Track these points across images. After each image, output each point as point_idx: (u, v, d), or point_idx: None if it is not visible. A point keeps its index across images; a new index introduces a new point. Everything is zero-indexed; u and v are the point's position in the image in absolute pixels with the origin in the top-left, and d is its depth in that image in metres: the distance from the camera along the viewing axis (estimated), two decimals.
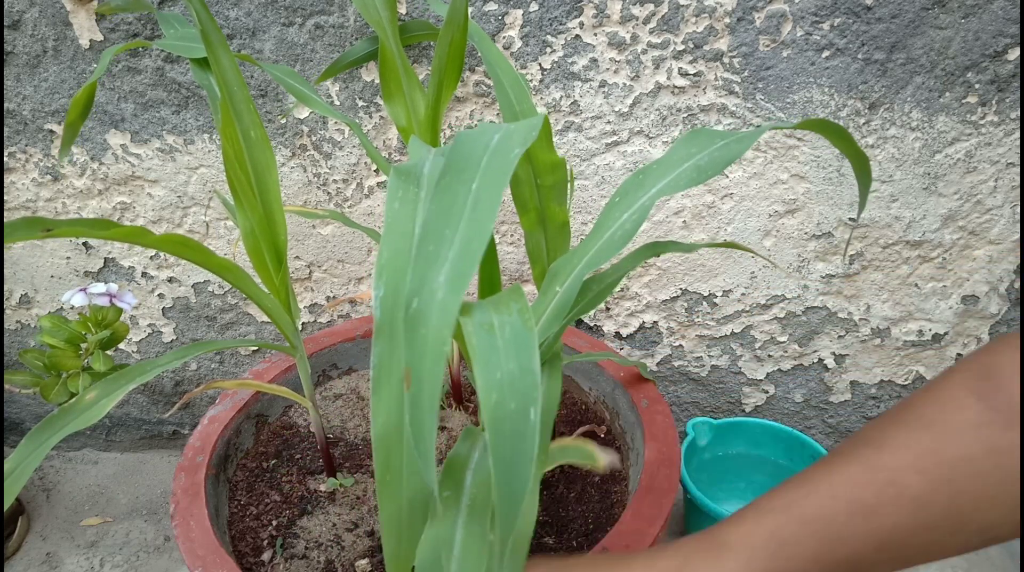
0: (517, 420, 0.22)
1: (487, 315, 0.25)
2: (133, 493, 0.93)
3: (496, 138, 0.26)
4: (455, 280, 0.22)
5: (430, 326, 0.22)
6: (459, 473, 0.31)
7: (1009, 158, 0.66)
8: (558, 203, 0.48)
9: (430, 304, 0.22)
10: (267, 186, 0.48)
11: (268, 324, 0.85)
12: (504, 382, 0.23)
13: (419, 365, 0.22)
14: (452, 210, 0.24)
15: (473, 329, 0.25)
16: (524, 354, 0.24)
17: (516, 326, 0.25)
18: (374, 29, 0.58)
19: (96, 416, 0.41)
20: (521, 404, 0.22)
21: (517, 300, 0.26)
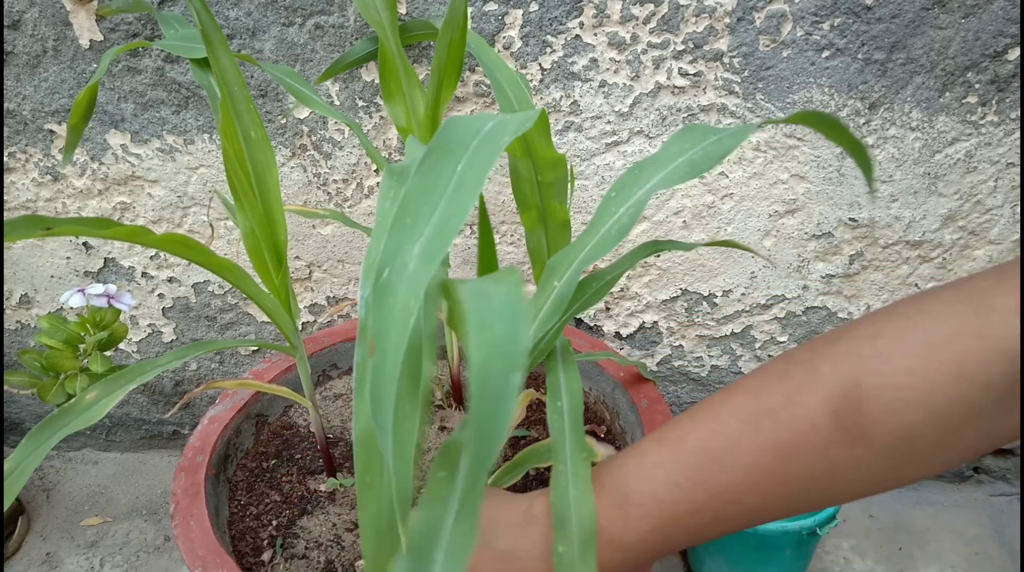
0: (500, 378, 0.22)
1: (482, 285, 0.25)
2: (133, 493, 0.93)
3: (489, 125, 0.26)
4: (428, 254, 0.22)
5: (398, 296, 0.22)
6: (455, 457, 0.31)
7: (1009, 158, 0.66)
8: (559, 200, 0.48)
9: (400, 274, 0.22)
10: (267, 186, 0.48)
11: (268, 324, 0.85)
12: (494, 343, 0.23)
13: (385, 334, 0.22)
14: (434, 188, 0.24)
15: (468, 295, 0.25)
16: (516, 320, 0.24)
17: (509, 295, 0.25)
18: (374, 29, 0.58)
19: (96, 416, 0.41)
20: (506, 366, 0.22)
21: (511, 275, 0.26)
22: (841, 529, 0.83)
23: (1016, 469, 0.85)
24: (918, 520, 0.84)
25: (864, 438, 0.32)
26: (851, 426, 0.32)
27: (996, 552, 0.80)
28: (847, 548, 0.81)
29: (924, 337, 0.32)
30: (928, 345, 0.31)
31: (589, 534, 0.35)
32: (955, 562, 0.79)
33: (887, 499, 0.86)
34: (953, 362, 0.31)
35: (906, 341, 0.32)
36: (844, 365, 0.33)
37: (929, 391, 0.31)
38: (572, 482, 0.36)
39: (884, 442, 0.32)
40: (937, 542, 0.81)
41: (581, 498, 0.36)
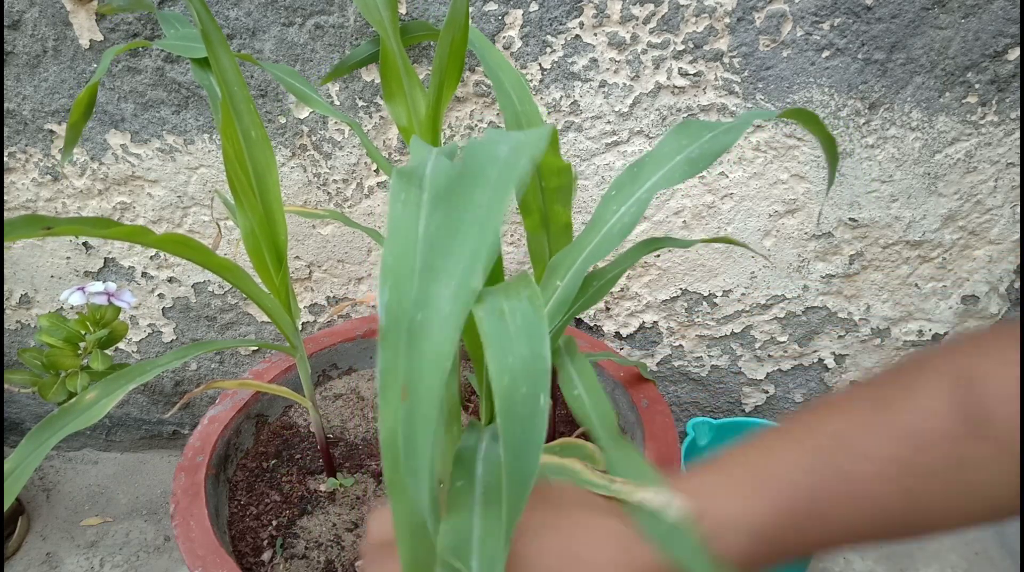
0: (528, 404, 0.22)
1: (497, 301, 0.25)
2: (133, 493, 0.93)
3: (505, 150, 0.26)
4: (461, 295, 0.22)
5: (432, 340, 0.22)
6: (469, 463, 0.31)
7: (1009, 158, 0.66)
8: (562, 205, 0.48)
9: (433, 318, 0.22)
10: (267, 186, 0.48)
11: (268, 324, 0.85)
12: (516, 367, 0.23)
13: (417, 380, 0.22)
14: (461, 224, 0.24)
15: (484, 315, 0.25)
16: (535, 340, 0.24)
17: (527, 312, 0.25)
18: (375, 29, 0.58)
19: (96, 416, 0.41)
20: (532, 389, 0.23)
21: (526, 287, 0.26)
22: None
23: None
24: None
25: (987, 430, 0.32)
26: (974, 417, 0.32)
27: (996, 552, 0.80)
28: None
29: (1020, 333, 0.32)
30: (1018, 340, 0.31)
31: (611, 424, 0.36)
32: (955, 562, 0.79)
33: None
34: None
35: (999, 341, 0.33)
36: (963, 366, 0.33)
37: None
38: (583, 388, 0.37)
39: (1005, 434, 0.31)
40: (937, 542, 0.81)
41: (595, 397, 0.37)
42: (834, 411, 0.35)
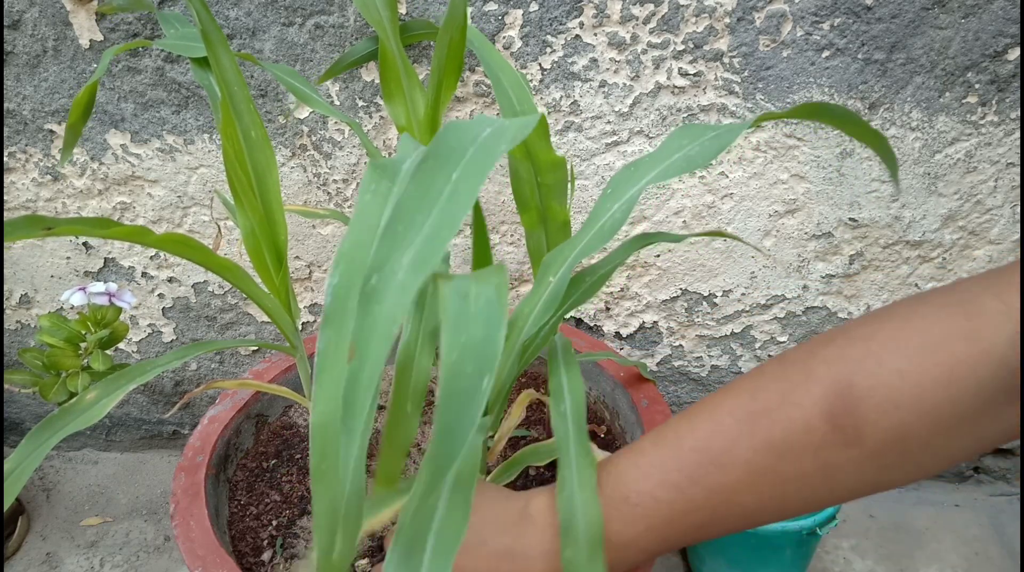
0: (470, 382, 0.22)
1: (466, 284, 0.25)
2: (133, 493, 0.93)
3: (487, 131, 0.26)
4: (418, 264, 0.22)
5: (384, 304, 0.22)
6: None
7: (1009, 158, 0.66)
8: (559, 202, 0.48)
9: (388, 283, 0.22)
10: (267, 186, 0.48)
11: (268, 324, 0.85)
12: (467, 345, 0.23)
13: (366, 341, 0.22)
14: (427, 196, 0.24)
15: (448, 293, 0.25)
16: (492, 323, 0.23)
17: (490, 297, 0.24)
18: (374, 29, 0.58)
19: (96, 416, 0.41)
20: (477, 368, 0.22)
21: (498, 275, 0.26)
22: (841, 529, 0.83)
23: (1016, 469, 0.85)
24: (918, 520, 0.84)
25: (856, 438, 0.33)
26: (844, 426, 0.33)
27: (996, 552, 0.80)
28: (847, 548, 0.81)
29: (916, 339, 0.32)
30: (920, 347, 0.32)
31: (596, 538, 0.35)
32: (955, 562, 0.79)
33: (887, 499, 0.86)
34: (944, 364, 0.31)
35: (899, 343, 0.33)
36: (838, 366, 0.34)
37: (920, 393, 0.32)
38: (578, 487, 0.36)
39: (876, 442, 0.33)
40: (937, 542, 0.81)
41: (588, 503, 0.36)
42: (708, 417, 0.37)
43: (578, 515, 0.35)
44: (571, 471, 0.37)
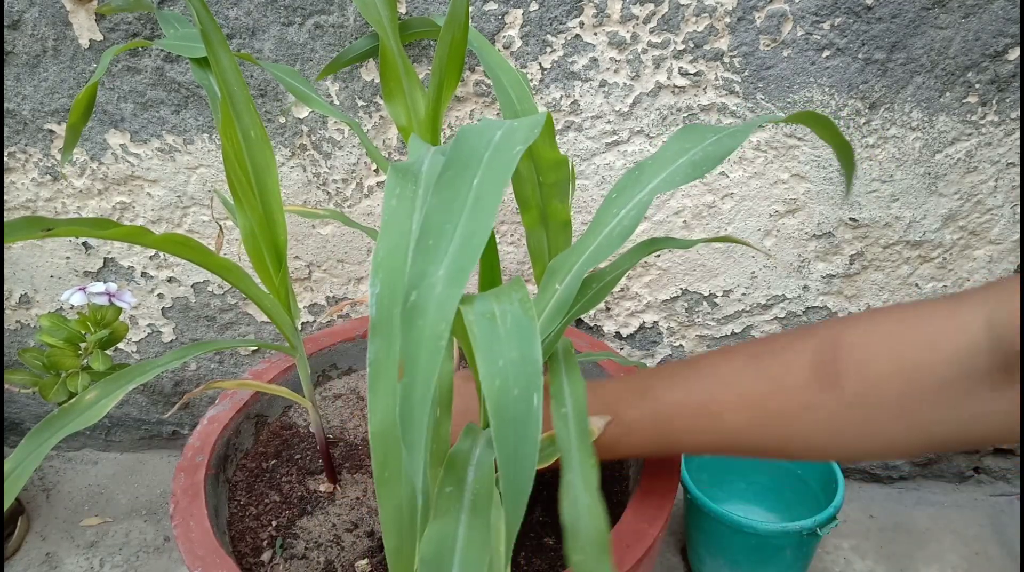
0: (520, 406, 0.22)
1: (488, 305, 0.25)
2: (133, 493, 0.93)
3: (499, 135, 0.26)
4: (455, 274, 0.22)
5: (427, 319, 0.22)
6: (461, 470, 0.31)
7: (1009, 158, 0.66)
8: (560, 201, 0.48)
9: (428, 297, 0.22)
10: (267, 186, 0.48)
11: (268, 324, 0.85)
12: (507, 369, 0.23)
13: (414, 358, 0.22)
14: (453, 205, 0.24)
15: (474, 318, 0.25)
16: (525, 342, 0.24)
17: (517, 315, 0.25)
18: (374, 28, 0.58)
19: (96, 416, 0.41)
20: (524, 390, 0.22)
21: (518, 290, 0.26)
22: (841, 529, 0.83)
23: (1016, 469, 0.85)
24: (918, 520, 0.84)
25: (833, 386, 0.37)
26: (827, 371, 0.37)
27: (996, 552, 0.80)
28: (847, 548, 0.81)
29: (903, 317, 0.37)
30: (904, 322, 0.37)
31: (603, 541, 0.35)
32: (955, 562, 0.79)
33: (887, 499, 0.86)
34: (923, 339, 0.35)
35: (889, 318, 0.38)
36: (836, 327, 0.39)
37: (897, 358, 0.36)
38: (583, 490, 0.36)
39: (851, 392, 0.37)
40: (937, 542, 0.81)
41: (593, 506, 0.36)
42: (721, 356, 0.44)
43: (584, 518, 0.35)
44: (575, 475, 0.37)
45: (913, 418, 0.36)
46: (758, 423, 0.40)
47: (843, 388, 0.37)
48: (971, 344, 0.34)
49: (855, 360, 0.37)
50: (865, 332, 0.37)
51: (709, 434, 0.43)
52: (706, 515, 0.68)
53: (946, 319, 0.35)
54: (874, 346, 0.37)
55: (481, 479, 0.30)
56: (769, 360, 0.41)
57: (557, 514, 0.57)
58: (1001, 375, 0.34)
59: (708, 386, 0.43)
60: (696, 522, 0.72)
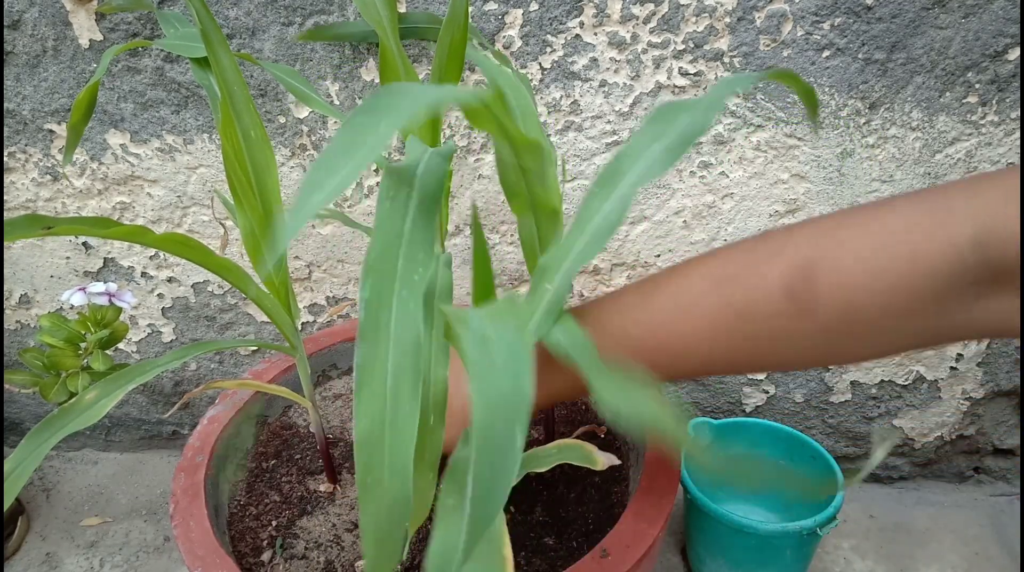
0: (503, 439, 0.22)
1: (482, 326, 0.25)
2: (133, 493, 0.93)
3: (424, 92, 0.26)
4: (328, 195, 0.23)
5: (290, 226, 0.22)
6: (462, 478, 0.31)
7: (1009, 158, 0.66)
8: (541, 186, 0.47)
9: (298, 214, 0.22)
10: (267, 186, 0.47)
11: (268, 324, 0.85)
12: (495, 400, 0.23)
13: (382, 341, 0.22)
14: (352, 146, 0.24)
15: (469, 340, 0.25)
16: (519, 372, 0.23)
17: (512, 343, 0.24)
18: (374, 28, 0.58)
19: (96, 416, 0.41)
20: (508, 423, 0.22)
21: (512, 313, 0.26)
22: (841, 529, 0.83)
23: (1016, 469, 0.85)
24: (918, 520, 0.84)
25: (810, 312, 0.36)
26: (800, 299, 0.36)
27: (996, 552, 0.80)
28: (847, 548, 0.81)
29: (880, 229, 0.35)
30: (882, 237, 0.35)
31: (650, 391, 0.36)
32: (955, 562, 0.79)
33: (887, 499, 0.86)
34: (903, 254, 0.34)
35: (864, 232, 0.35)
36: (805, 248, 0.37)
37: (875, 278, 0.34)
38: None
39: (828, 317, 0.36)
40: (937, 542, 0.81)
41: None
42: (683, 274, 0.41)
43: None
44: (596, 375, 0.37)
45: (893, 331, 0.36)
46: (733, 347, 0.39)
47: (819, 313, 0.36)
48: (956, 260, 0.33)
49: (830, 284, 0.35)
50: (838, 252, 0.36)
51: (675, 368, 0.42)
52: (706, 515, 0.68)
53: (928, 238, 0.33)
54: (849, 268, 0.35)
55: None
56: (732, 287, 0.38)
57: (557, 514, 0.57)
58: (987, 286, 0.33)
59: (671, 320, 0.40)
60: (696, 522, 0.72)
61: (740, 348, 0.39)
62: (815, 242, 0.36)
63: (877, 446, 0.80)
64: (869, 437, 0.84)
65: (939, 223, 0.33)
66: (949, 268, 0.33)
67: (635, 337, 0.41)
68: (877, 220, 0.36)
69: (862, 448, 0.85)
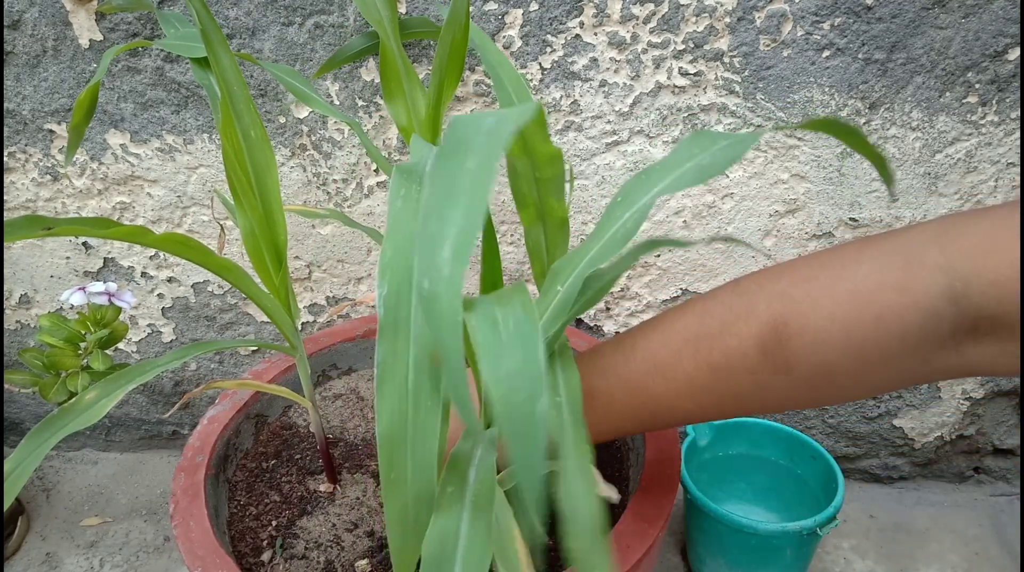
0: (526, 409, 0.22)
1: (490, 309, 0.25)
2: (133, 493, 0.93)
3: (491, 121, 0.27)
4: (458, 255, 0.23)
5: (442, 302, 0.22)
6: (463, 469, 0.31)
7: (1009, 158, 0.66)
8: (556, 197, 0.48)
9: (438, 281, 0.22)
10: (267, 186, 0.48)
11: (268, 324, 0.85)
12: (511, 374, 0.23)
13: (443, 339, 0.22)
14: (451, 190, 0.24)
15: (477, 324, 0.25)
16: (529, 346, 0.24)
17: (520, 319, 0.25)
18: (374, 28, 0.58)
19: (96, 416, 0.41)
20: (529, 395, 0.23)
21: (519, 294, 0.26)
22: (841, 529, 0.83)
23: (1016, 469, 0.85)
24: (918, 520, 0.84)
25: (786, 369, 0.37)
26: (775, 358, 0.37)
27: (996, 552, 0.80)
28: (847, 548, 0.81)
29: (851, 287, 0.35)
30: (852, 294, 0.35)
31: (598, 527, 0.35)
32: (955, 562, 0.79)
33: (887, 499, 0.86)
34: (872, 313, 0.34)
35: (835, 289, 0.35)
36: (777, 305, 0.37)
37: (848, 335, 0.35)
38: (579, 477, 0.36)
39: (804, 373, 0.36)
40: (937, 542, 0.81)
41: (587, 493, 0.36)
42: (662, 332, 0.42)
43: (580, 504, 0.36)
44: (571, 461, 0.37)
45: (873, 380, 0.36)
46: (715, 402, 0.40)
47: (794, 370, 0.36)
48: (930, 314, 0.33)
49: (803, 343, 0.36)
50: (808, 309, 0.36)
51: (661, 421, 0.43)
52: (706, 515, 0.68)
53: (900, 292, 0.33)
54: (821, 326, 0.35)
55: (482, 479, 0.31)
56: (709, 345, 0.39)
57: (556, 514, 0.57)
58: (966, 334, 0.33)
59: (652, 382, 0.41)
60: (696, 522, 0.72)
61: (722, 402, 0.40)
62: (787, 297, 0.37)
63: None
64: (869, 437, 0.84)
65: (910, 277, 0.33)
66: (922, 322, 0.33)
67: (619, 400, 0.42)
68: (847, 273, 0.35)
69: (862, 448, 0.85)
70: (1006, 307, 0.31)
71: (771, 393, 0.38)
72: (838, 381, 0.36)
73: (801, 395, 0.38)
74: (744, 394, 0.39)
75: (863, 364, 0.35)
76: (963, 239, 0.33)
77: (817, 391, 0.37)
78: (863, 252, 0.36)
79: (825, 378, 0.36)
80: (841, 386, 0.37)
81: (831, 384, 0.37)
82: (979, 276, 0.31)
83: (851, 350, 0.35)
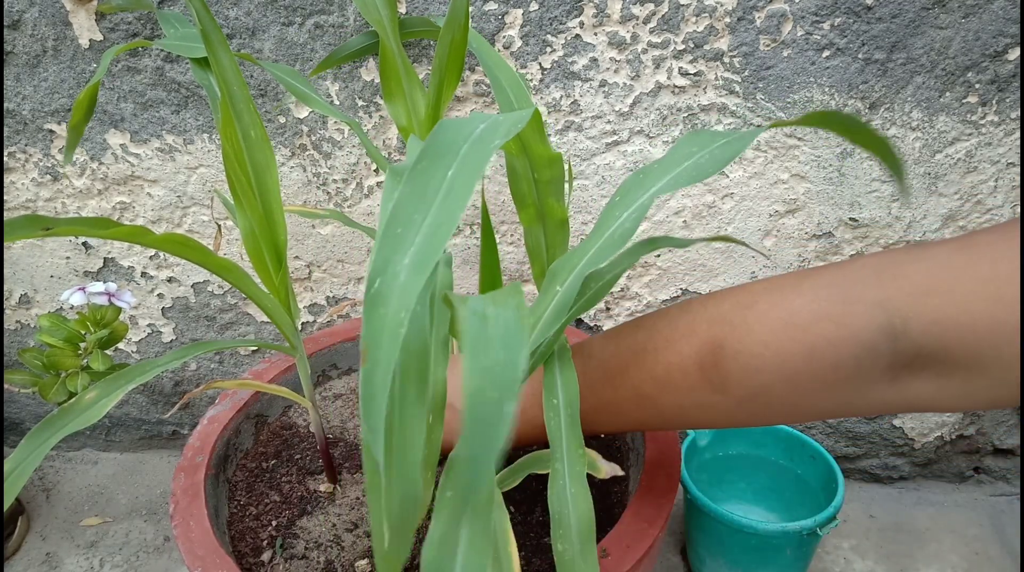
0: (493, 408, 0.22)
1: (482, 306, 0.25)
2: (133, 493, 0.93)
3: (480, 127, 0.26)
4: (418, 264, 0.22)
5: (389, 307, 0.22)
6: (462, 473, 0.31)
7: (1009, 158, 0.66)
8: (556, 198, 0.48)
9: (391, 286, 0.22)
10: (267, 186, 0.47)
11: (268, 324, 0.85)
12: (488, 370, 0.23)
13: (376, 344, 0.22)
14: (424, 195, 0.24)
15: (466, 315, 0.25)
16: (513, 347, 0.24)
17: (510, 320, 0.25)
18: (374, 28, 0.58)
19: (96, 416, 0.41)
20: (500, 395, 0.22)
21: (514, 296, 0.26)
22: (841, 529, 0.83)
23: (1016, 469, 0.85)
24: (918, 520, 0.84)
25: (722, 389, 0.38)
26: (712, 378, 0.38)
27: (996, 552, 0.80)
28: (847, 548, 0.81)
29: (785, 316, 0.36)
30: (786, 324, 0.36)
31: (588, 531, 0.35)
32: (955, 562, 0.79)
33: (887, 499, 0.86)
34: (806, 342, 0.35)
35: (769, 317, 0.37)
36: (716, 328, 0.38)
37: (781, 363, 0.36)
38: (569, 480, 0.36)
39: (740, 395, 0.38)
40: (937, 542, 0.81)
41: (578, 496, 0.36)
42: (617, 343, 0.44)
43: (570, 507, 0.36)
44: (563, 465, 0.37)
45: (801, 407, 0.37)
46: (658, 413, 0.42)
47: (731, 390, 0.38)
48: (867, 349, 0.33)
49: (738, 366, 0.37)
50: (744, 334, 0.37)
51: (615, 425, 0.46)
52: (706, 515, 0.68)
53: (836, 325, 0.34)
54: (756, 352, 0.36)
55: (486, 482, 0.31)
56: (654, 360, 0.41)
57: None
58: (903, 370, 0.34)
59: (602, 388, 0.44)
60: (696, 522, 0.72)
61: (666, 413, 0.42)
62: (725, 321, 0.38)
63: None
64: (869, 437, 0.84)
65: (847, 311, 0.34)
66: (858, 355, 0.34)
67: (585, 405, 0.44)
68: (784, 303, 0.36)
69: (862, 448, 0.85)
70: (947, 345, 0.32)
71: (711, 411, 0.40)
72: (774, 405, 0.38)
73: (741, 414, 0.39)
74: (686, 409, 0.41)
75: (797, 391, 0.36)
76: (904, 279, 0.33)
77: (756, 413, 0.39)
78: (802, 283, 0.37)
79: (761, 401, 0.37)
80: (778, 410, 0.38)
81: (768, 406, 0.38)
82: (920, 315, 0.32)
83: (784, 376, 0.36)
